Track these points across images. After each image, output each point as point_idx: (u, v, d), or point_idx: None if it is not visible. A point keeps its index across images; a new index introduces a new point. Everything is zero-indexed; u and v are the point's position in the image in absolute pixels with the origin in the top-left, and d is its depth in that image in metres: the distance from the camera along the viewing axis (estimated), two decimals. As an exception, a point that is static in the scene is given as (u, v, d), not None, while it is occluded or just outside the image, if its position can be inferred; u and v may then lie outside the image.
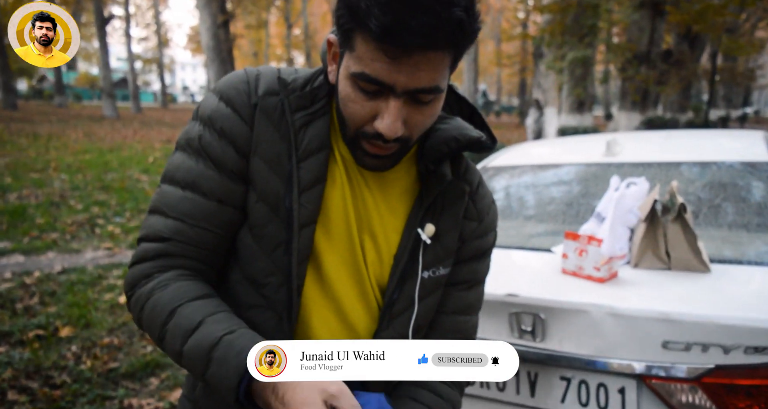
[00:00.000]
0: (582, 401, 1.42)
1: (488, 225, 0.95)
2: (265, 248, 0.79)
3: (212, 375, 0.68)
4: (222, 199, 0.79)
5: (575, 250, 1.55)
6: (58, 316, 3.76)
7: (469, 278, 0.94)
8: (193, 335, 0.70)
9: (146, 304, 0.76)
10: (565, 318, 1.42)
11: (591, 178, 2.16)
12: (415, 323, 0.87)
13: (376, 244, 0.85)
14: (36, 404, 2.71)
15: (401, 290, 0.85)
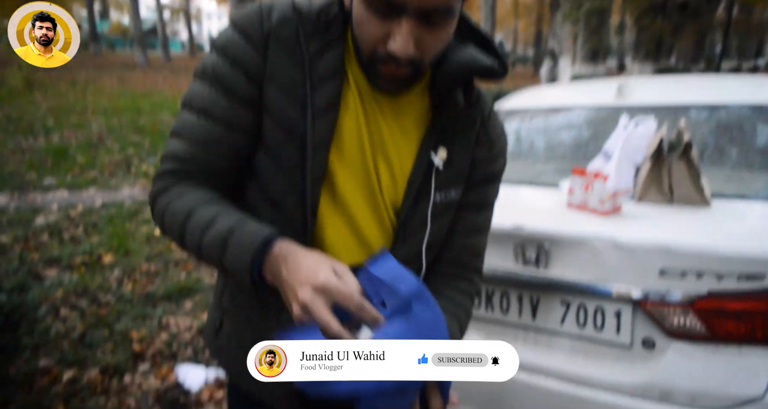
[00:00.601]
0: (580, 322, 1.44)
1: (498, 151, 0.94)
2: (283, 170, 0.80)
3: (229, 259, 0.70)
4: (231, 126, 0.79)
5: (581, 185, 1.53)
6: (101, 245, 3.89)
7: (479, 201, 0.94)
8: (209, 228, 0.72)
9: (166, 212, 0.79)
10: (568, 248, 1.43)
11: (601, 121, 2.10)
12: (427, 242, 0.88)
13: (390, 167, 0.84)
14: (85, 320, 2.85)
15: (414, 211, 0.86)
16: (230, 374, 0.96)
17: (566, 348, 1.47)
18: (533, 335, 1.52)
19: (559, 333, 1.48)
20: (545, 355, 1.48)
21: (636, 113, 1.86)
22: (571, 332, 1.46)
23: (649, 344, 1.35)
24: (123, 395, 2.26)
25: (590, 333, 1.43)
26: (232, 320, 0.92)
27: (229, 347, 0.93)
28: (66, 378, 2.33)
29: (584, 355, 1.44)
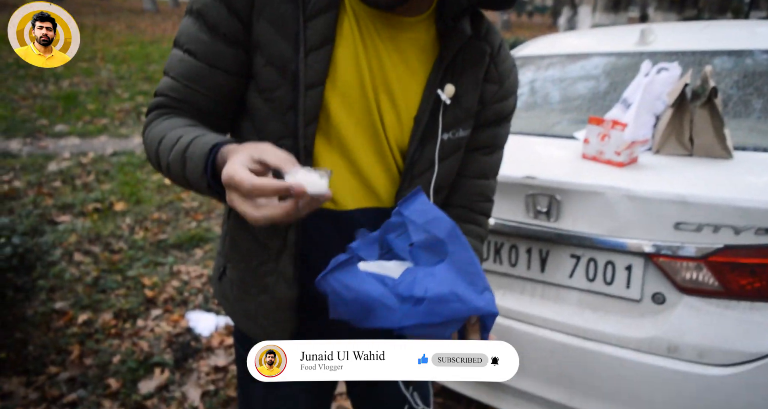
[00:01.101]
0: (589, 276, 1.41)
1: (509, 88, 0.87)
2: (276, 111, 0.75)
3: (188, 172, 0.66)
4: (213, 63, 0.74)
5: (598, 135, 1.46)
6: (112, 192, 3.89)
7: (489, 142, 0.89)
8: (173, 147, 0.69)
9: (147, 141, 0.76)
10: (580, 200, 1.37)
11: (621, 68, 1.99)
12: (435, 184, 0.84)
13: (395, 105, 0.79)
14: (99, 265, 2.88)
15: (422, 151, 0.81)
16: (234, 319, 0.95)
17: (574, 302, 1.44)
18: (541, 288, 1.50)
19: (568, 287, 1.45)
20: (552, 309, 1.46)
21: (659, 60, 1.75)
22: (580, 286, 1.43)
23: (659, 298, 1.31)
24: (136, 339, 2.30)
25: (599, 287, 1.40)
26: (234, 267, 0.90)
27: (231, 293, 0.92)
28: (81, 320, 2.38)
29: (592, 309, 1.41)
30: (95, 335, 2.30)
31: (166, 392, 2.00)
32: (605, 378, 1.36)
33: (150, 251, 3.11)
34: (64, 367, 2.08)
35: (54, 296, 2.55)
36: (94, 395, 1.95)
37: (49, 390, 1.95)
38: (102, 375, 2.06)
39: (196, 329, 2.39)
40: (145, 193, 3.92)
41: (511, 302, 1.53)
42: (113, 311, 2.48)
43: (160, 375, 2.07)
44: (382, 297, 0.56)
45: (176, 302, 2.62)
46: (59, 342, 2.21)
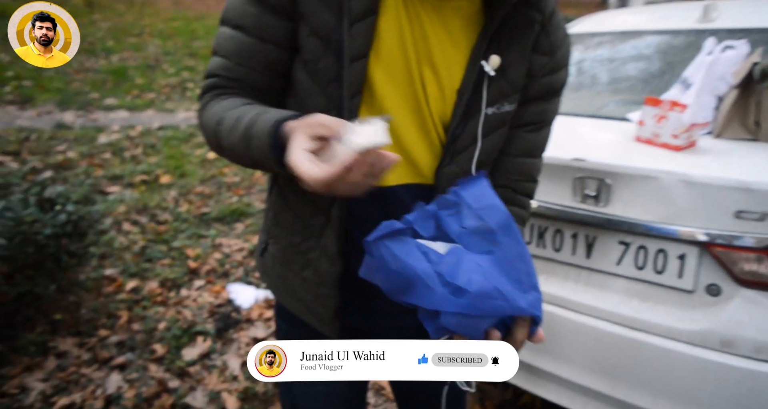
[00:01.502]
0: (638, 264, 1.35)
1: (560, 60, 0.82)
2: (320, 83, 0.73)
3: (255, 150, 0.65)
4: (264, 37, 0.72)
5: (654, 116, 1.38)
6: (158, 165, 3.99)
7: (536, 118, 0.84)
8: (235, 127, 0.68)
9: (204, 123, 0.76)
10: (632, 184, 1.31)
11: (680, 46, 1.87)
12: (478, 160, 0.80)
13: (438, 78, 0.76)
14: (146, 235, 2.97)
15: (464, 126, 0.77)
16: (276, 295, 0.95)
17: (621, 290, 1.39)
18: (586, 274, 1.45)
19: (615, 274, 1.39)
20: (597, 296, 1.41)
21: (723, 37, 1.63)
22: (628, 274, 1.37)
23: (714, 290, 1.25)
24: (180, 307, 2.37)
25: (649, 276, 1.34)
26: (276, 242, 0.89)
27: (273, 269, 0.91)
28: (129, 287, 2.47)
29: (640, 298, 1.36)
30: (142, 302, 2.38)
31: (207, 360, 2.06)
32: (651, 370, 1.31)
33: (193, 223, 3.18)
34: (113, 331, 2.17)
35: (104, 263, 2.64)
36: (141, 359, 2.03)
37: (100, 352, 2.03)
38: (148, 340, 2.13)
39: (237, 300, 2.44)
40: (189, 167, 4.00)
41: (554, 287, 1.48)
42: (159, 280, 2.55)
43: (203, 343, 2.13)
44: (426, 275, 0.55)
45: (218, 274, 2.68)
46: (109, 307, 2.30)
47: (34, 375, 1.86)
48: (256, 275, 2.70)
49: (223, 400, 1.85)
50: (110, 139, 4.45)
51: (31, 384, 1.82)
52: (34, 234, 1.92)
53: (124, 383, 1.89)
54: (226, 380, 1.95)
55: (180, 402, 1.83)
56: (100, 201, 3.27)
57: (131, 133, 4.67)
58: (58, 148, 4.11)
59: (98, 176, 3.69)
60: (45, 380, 1.85)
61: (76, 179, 3.54)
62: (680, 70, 1.66)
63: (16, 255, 1.88)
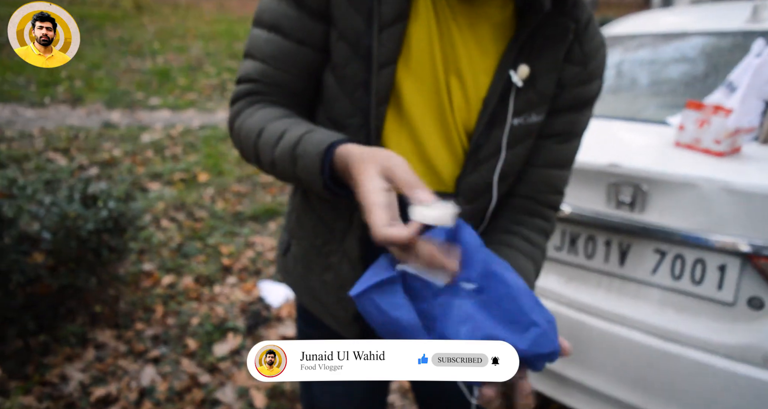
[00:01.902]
0: (675, 274, 1.30)
1: (594, 70, 0.78)
2: (346, 88, 0.72)
3: (300, 169, 0.65)
4: (302, 40, 0.72)
5: (696, 121, 1.32)
6: (197, 164, 4.09)
7: (565, 129, 0.81)
8: (278, 143, 0.67)
9: (241, 133, 0.75)
10: (670, 191, 1.26)
11: (725, 48, 1.80)
12: (501, 171, 0.78)
13: (464, 86, 0.74)
14: (182, 232, 3.05)
15: (488, 135, 0.75)
16: (296, 295, 0.96)
17: (655, 300, 1.34)
18: (619, 283, 1.40)
19: (649, 284, 1.35)
20: (631, 305, 1.36)
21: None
22: (663, 284, 1.32)
23: (757, 303, 1.19)
24: (213, 304, 2.42)
25: (686, 286, 1.28)
26: (298, 243, 0.90)
27: (295, 269, 0.92)
28: (165, 283, 2.54)
29: (676, 309, 1.30)
30: (177, 297, 2.44)
31: (237, 357, 2.09)
32: (687, 384, 1.26)
33: (228, 221, 3.24)
34: (149, 324, 2.23)
35: (143, 258, 2.73)
36: (174, 353, 2.08)
37: (136, 344, 2.10)
38: (182, 335, 2.19)
39: (267, 298, 2.47)
40: (226, 166, 4.08)
41: (585, 295, 1.44)
42: (193, 276, 2.62)
43: (233, 340, 2.17)
44: (413, 329, 0.53)
45: (250, 272, 2.72)
46: (146, 301, 2.37)
47: (74, 365, 1.93)
48: (287, 273, 2.73)
49: (252, 396, 1.88)
50: (153, 138, 4.59)
51: (71, 374, 1.89)
52: (77, 229, 2.00)
53: (157, 376, 1.94)
54: (255, 377, 1.98)
55: (210, 397, 1.87)
56: (140, 198, 3.37)
57: (172, 132, 4.80)
58: (104, 146, 4.27)
59: (140, 174, 3.81)
60: (84, 371, 1.92)
61: (119, 177, 3.67)
62: (725, 73, 1.59)
63: (60, 249, 1.96)
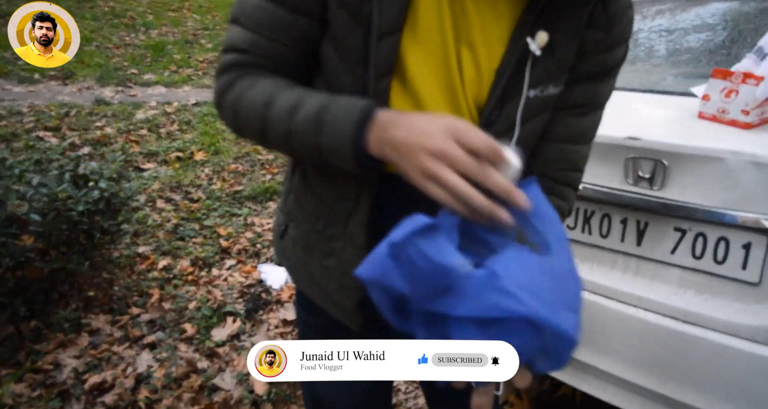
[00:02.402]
0: (696, 254, 1.25)
1: (619, 35, 0.72)
2: (347, 62, 0.67)
3: (326, 139, 0.61)
4: (297, 7, 0.66)
5: (722, 90, 1.25)
6: (193, 142, 4.04)
7: (585, 100, 0.75)
8: (296, 111, 0.63)
9: (239, 106, 0.69)
10: (693, 166, 1.20)
11: (753, 15, 1.71)
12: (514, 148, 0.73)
13: (476, 57, 0.68)
14: (179, 213, 3.01)
15: (501, 110, 0.70)
16: (295, 280, 0.92)
17: (674, 281, 1.29)
18: (635, 263, 1.35)
19: (668, 263, 1.30)
20: (648, 286, 1.32)
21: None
22: (683, 264, 1.27)
23: (784, 284, 1.14)
24: (210, 287, 2.40)
25: (707, 266, 1.24)
26: (296, 226, 0.85)
27: (293, 254, 0.88)
28: (161, 266, 2.51)
29: (696, 290, 1.26)
30: (173, 281, 2.42)
31: (237, 341, 2.08)
32: (706, 367, 1.22)
33: (226, 201, 3.21)
34: (145, 309, 2.22)
35: (137, 240, 2.70)
36: (171, 338, 2.07)
37: (131, 330, 2.08)
38: (179, 320, 2.17)
39: (267, 281, 2.45)
40: (224, 144, 4.03)
41: (599, 276, 1.40)
42: (190, 259, 2.59)
43: (232, 324, 2.15)
44: (468, 279, 0.50)
45: (249, 254, 2.69)
46: (141, 285, 2.35)
47: (67, 352, 1.92)
48: (287, 255, 2.70)
49: (252, 382, 1.86)
50: (147, 115, 4.53)
51: (65, 361, 1.88)
52: (68, 210, 1.97)
53: (154, 363, 1.93)
54: (255, 362, 1.97)
55: (209, 383, 1.85)
56: (135, 178, 3.34)
57: (168, 109, 4.74)
58: (96, 124, 4.22)
59: (134, 153, 3.76)
60: (78, 357, 1.91)
61: (112, 156, 3.63)
62: (752, 41, 1.52)
63: (50, 231, 1.93)
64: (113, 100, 4.90)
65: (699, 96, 1.34)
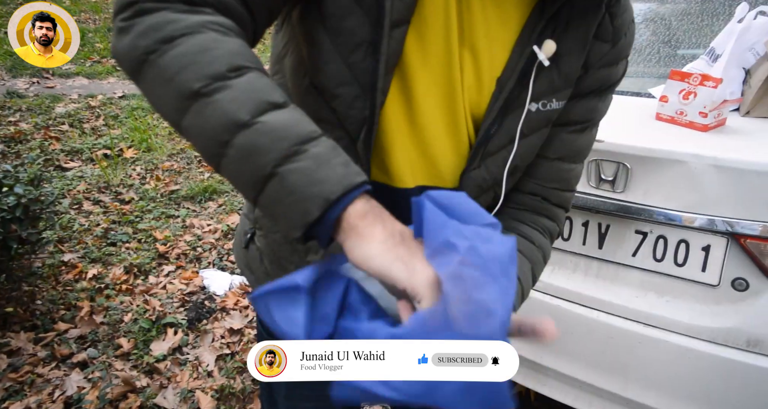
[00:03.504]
0: (657, 256, 1.25)
1: (622, 50, 0.68)
2: (341, 48, 0.57)
3: (298, 171, 0.42)
4: None
5: (680, 92, 1.26)
6: (122, 138, 3.76)
7: (584, 117, 0.70)
8: (278, 111, 0.44)
9: (186, 38, 0.45)
10: (655, 169, 1.20)
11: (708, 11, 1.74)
12: (511, 164, 0.67)
13: (477, 62, 0.61)
14: (108, 216, 2.78)
15: (501, 123, 0.64)
16: None
17: (635, 284, 1.29)
18: (597, 266, 1.35)
19: (629, 266, 1.30)
20: (609, 289, 1.31)
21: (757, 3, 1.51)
22: (644, 266, 1.27)
23: (742, 285, 1.16)
24: (147, 296, 2.22)
25: (668, 268, 1.24)
26: (266, 236, 0.75)
27: (260, 266, 0.78)
28: (91, 274, 2.30)
29: (657, 292, 1.26)
30: (105, 291, 2.22)
31: (179, 355, 1.93)
32: (669, 370, 1.23)
33: (161, 202, 2.99)
34: (73, 324, 2.01)
35: (62, 247, 2.46)
36: (105, 355, 1.89)
37: (58, 348, 1.88)
38: (113, 334, 1.99)
39: (210, 287, 2.30)
40: (156, 141, 3.78)
41: (561, 279, 1.38)
42: (124, 266, 2.39)
43: (173, 336, 2.00)
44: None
45: (189, 258, 2.52)
46: (68, 297, 2.14)
47: (-18, 376, 1.71)
48: (231, 258, 2.55)
49: (197, 399, 1.73)
50: (68, 109, 4.18)
51: (-20, 387, 1.67)
52: (-22, 219, 1.74)
53: (86, 383, 1.75)
54: (200, 377, 1.83)
55: (149, 403, 1.70)
56: (57, 177, 3.05)
57: (91, 102, 4.39)
58: (9, 118, 3.83)
59: (55, 150, 3.45)
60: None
61: (30, 155, 3.30)
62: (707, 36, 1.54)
63: (-43, 243, 1.70)
64: (28, 92, 4.49)
65: (657, 97, 1.34)
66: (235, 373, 1.86)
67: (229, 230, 2.77)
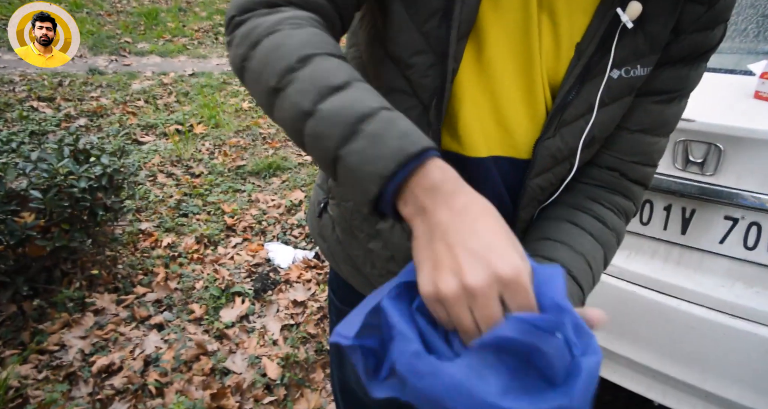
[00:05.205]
0: (748, 244, 1.17)
1: (720, 12, 0.60)
2: (416, 17, 0.56)
3: (354, 152, 0.42)
4: None
5: (784, 68, 1.15)
6: (192, 114, 3.88)
7: (672, 87, 0.64)
8: (337, 94, 0.44)
9: (266, 39, 0.49)
10: (751, 150, 1.11)
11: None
12: (588, 135, 0.62)
13: (556, 26, 0.58)
14: (180, 188, 2.89)
15: (579, 90, 0.60)
16: (332, 263, 0.82)
17: (722, 272, 1.21)
18: (678, 252, 1.27)
19: (716, 254, 1.22)
20: (692, 278, 1.24)
21: None
22: (733, 254, 1.19)
23: None
24: (217, 266, 2.30)
25: (760, 258, 1.16)
26: (338, 204, 0.75)
27: (332, 234, 0.78)
28: (165, 243, 2.40)
29: (746, 282, 1.18)
30: (179, 259, 2.31)
31: (246, 323, 1.99)
32: (755, 364, 1.16)
33: (229, 177, 3.08)
34: (150, 288, 2.12)
35: (140, 217, 2.58)
36: (179, 319, 1.98)
37: (137, 310, 1.99)
38: (186, 300, 2.08)
39: (275, 260, 2.36)
40: (224, 117, 3.88)
41: (637, 265, 1.32)
42: (195, 236, 2.48)
43: (241, 305, 2.06)
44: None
45: (255, 231, 2.59)
46: (146, 263, 2.25)
47: (72, 332, 1.83)
48: (294, 233, 2.61)
49: (264, 365, 1.79)
50: (143, 85, 4.35)
51: (71, 341, 1.78)
52: (69, 187, 1.84)
53: (162, 344, 1.84)
54: (266, 345, 1.89)
55: (219, 366, 1.77)
56: (134, 152, 3.19)
57: (164, 79, 4.55)
58: (91, 94, 4.03)
59: (132, 124, 3.61)
60: (83, 338, 1.82)
61: (111, 128, 3.47)
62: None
63: (51, 209, 1.81)
64: (107, 69, 4.70)
65: (757, 74, 1.24)
66: (299, 343, 1.90)
67: (292, 206, 2.82)
